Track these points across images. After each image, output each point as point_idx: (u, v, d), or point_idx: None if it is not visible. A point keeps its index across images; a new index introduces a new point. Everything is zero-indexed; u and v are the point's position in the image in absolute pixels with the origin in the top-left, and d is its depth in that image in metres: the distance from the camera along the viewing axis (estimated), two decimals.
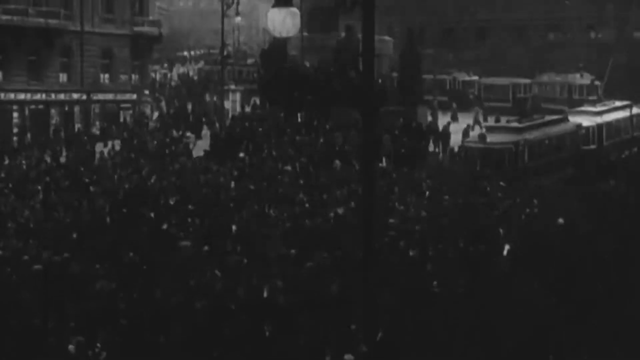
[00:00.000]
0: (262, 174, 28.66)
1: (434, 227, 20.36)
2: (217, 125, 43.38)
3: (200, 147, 39.02)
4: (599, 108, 41.82)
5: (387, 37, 42.76)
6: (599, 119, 39.30)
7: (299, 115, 36.04)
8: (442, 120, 45.94)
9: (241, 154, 32.55)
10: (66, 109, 55.60)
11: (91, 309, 14.23)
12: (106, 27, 57.94)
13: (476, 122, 48.18)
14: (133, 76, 60.34)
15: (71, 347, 12.62)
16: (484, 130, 35.97)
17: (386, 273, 15.39)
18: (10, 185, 32.55)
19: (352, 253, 16.91)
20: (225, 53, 62.42)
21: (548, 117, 38.37)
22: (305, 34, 39.17)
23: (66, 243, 19.92)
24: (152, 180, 29.16)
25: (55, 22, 54.02)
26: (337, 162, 29.67)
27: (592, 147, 38.01)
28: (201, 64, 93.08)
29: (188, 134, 45.74)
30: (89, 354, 12.59)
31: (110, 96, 58.14)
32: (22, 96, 53.06)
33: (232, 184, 27.64)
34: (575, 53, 70.83)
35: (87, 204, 26.30)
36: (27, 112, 53.35)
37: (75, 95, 56.01)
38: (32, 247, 19.68)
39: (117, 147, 41.63)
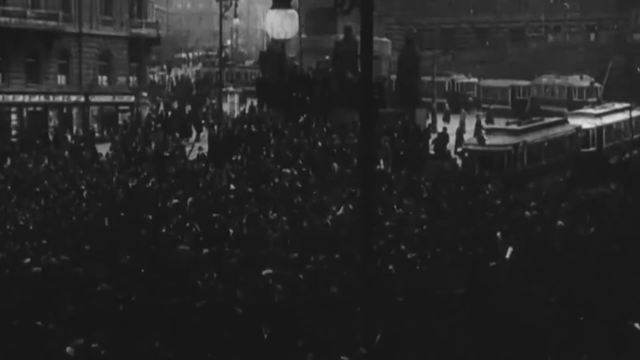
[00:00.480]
0: (260, 176, 28.60)
1: (433, 229, 20.32)
2: (215, 127, 43.33)
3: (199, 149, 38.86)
4: (598, 110, 41.82)
5: (385, 39, 42.62)
6: (598, 121, 39.29)
7: (297, 117, 35.96)
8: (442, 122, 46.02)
9: (239, 157, 32.49)
10: (64, 111, 55.62)
11: (90, 311, 14.19)
12: (104, 29, 57.99)
13: (462, 124, 48.33)
14: (131, 78, 60.35)
15: (69, 349, 12.57)
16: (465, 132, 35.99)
17: (385, 276, 15.37)
18: (9, 187, 32.51)
19: (350, 255, 16.89)
20: (223, 55, 62.46)
21: (547, 119, 38.36)
22: (303, 35, 39.14)
23: (65, 245, 19.87)
24: (151, 183, 29.10)
25: (53, 24, 54.08)
26: (335, 164, 29.62)
27: (592, 149, 37.98)
28: (199, 65, 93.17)
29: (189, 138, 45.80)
30: (88, 356, 12.54)
31: (108, 98, 58.14)
32: (20, 98, 53.07)
33: (231, 186, 27.57)
34: (575, 55, 70.87)
35: (85, 206, 26.26)
36: (25, 114, 53.35)
37: (73, 97, 56.03)
38: (30, 250, 19.63)
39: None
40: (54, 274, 16.86)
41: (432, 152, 36.75)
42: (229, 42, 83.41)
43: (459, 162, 33.89)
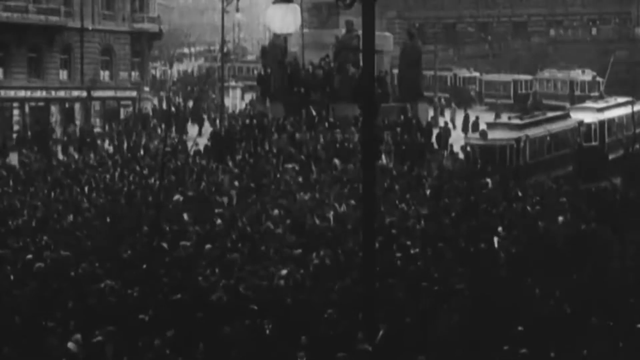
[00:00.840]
0: (262, 172, 28.58)
1: (435, 225, 20.30)
2: (217, 122, 43.35)
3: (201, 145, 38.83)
4: (600, 104, 41.80)
5: (387, 33, 42.57)
6: (600, 116, 39.26)
7: (298, 111, 35.94)
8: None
9: (240, 152, 32.46)
10: (66, 106, 55.56)
11: (92, 307, 14.19)
12: (106, 24, 57.87)
13: (452, 120, 48.36)
14: (133, 73, 60.29)
15: (71, 344, 12.57)
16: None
17: (387, 271, 15.36)
18: (11, 183, 32.44)
19: (352, 251, 16.88)
20: (225, 50, 62.35)
21: (549, 114, 38.36)
22: (305, 30, 39.07)
23: (67, 242, 19.85)
24: (152, 179, 29.04)
25: (55, 19, 53.98)
26: (336, 160, 29.61)
27: (594, 143, 37.95)
28: (201, 60, 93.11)
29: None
30: (89, 351, 12.55)
31: (110, 93, 58.10)
32: (22, 93, 53.00)
33: (233, 182, 27.54)
34: (577, 49, 70.83)
35: (87, 202, 26.22)
36: (27, 109, 53.29)
37: (75, 92, 55.96)
38: (32, 246, 19.61)
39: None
40: (56, 270, 16.86)
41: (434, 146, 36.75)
42: (230, 36, 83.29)
43: (462, 156, 33.88)
